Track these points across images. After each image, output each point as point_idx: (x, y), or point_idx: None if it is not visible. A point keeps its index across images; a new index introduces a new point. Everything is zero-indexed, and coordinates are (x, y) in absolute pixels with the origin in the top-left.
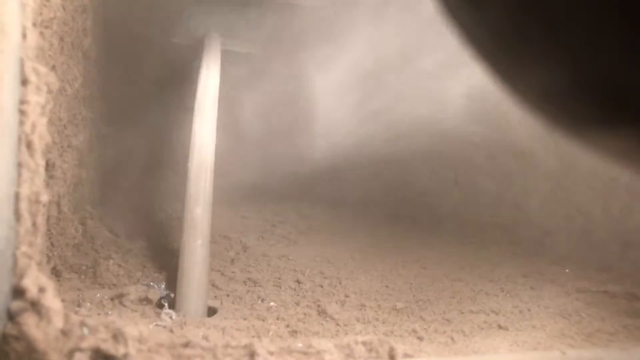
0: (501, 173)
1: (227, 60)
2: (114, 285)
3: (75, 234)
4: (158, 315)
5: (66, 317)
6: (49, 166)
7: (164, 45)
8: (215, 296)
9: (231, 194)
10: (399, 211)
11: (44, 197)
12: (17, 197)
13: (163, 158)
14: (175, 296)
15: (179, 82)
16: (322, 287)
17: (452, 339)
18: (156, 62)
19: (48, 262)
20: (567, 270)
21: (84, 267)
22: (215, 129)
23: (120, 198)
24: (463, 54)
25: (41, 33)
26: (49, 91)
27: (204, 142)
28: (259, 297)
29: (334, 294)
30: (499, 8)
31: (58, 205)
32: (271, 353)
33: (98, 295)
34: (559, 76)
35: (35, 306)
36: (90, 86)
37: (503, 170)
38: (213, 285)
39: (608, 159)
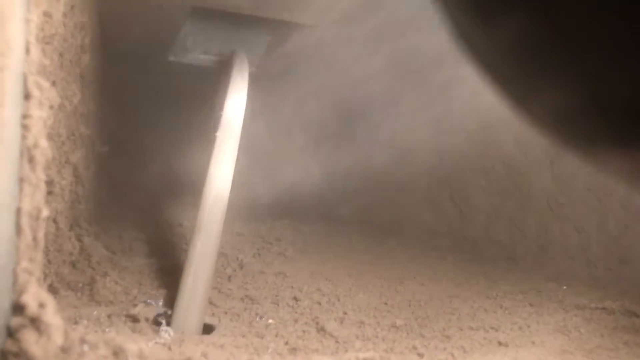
0: (496, 189)
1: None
2: (111, 302)
3: (72, 250)
4: (155, 332)
5: (66, 334)
6: (47, 182)
7: (161, 64)
8: (213, 313)
9: (227, 211)
10: (395, 228)
11: (45, 213)
12: (18, 212)
13: (162, 178)
14: (172, 313)
15: (178, 100)
16: (320, 304)
17: (452, 355)
18: (155, 81)
19: (45, 279)
20: (564, 287)
21: (80, 285)
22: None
23: (120, 215)
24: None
25: (43, 49)
26: (51, 106)
27: (223, 167)
28: (257, 314)
29: (332, 311)
30: (512, 32)
31: (55, 221)
32: None
33: (95, 312)
34: (572, 97)
35: (35, 322)
36: (87, 103)
37: (498, 186)
38: (210, 302)
39: (621, 180)
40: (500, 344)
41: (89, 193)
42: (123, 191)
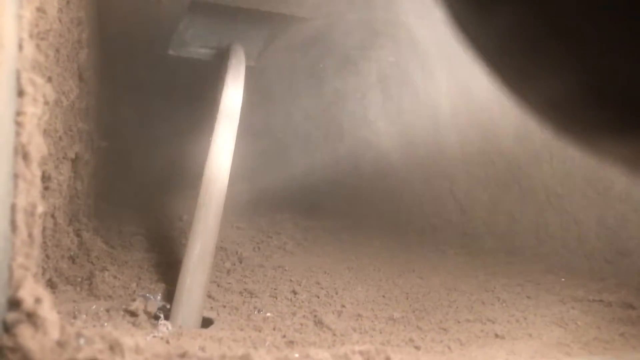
0: (496, 183)
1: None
2: (110, 297)
3: (70, 245)
4: (154, 326)
5: (62, 328)
6: (44, 178)
7: (160, 58)
8: (212, 307)
9: (227, 205)
10: (394, 221)
11: (40, 208)
12: (13, 208)
13: (162, 172)
14: (171, 307)
15: (177, 94)
16: (318, 297)
17: (449, 348)
18: (154, 75)
19: (43, 274)
20: (562, 279)
21: (79, 279)
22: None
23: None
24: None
25: (37, 45)
26: (45, 102)
27: (221, 158)
28: (255, 307)
29: (330, 304)
30: (508, 19)
31: (53, 217)
32: None
33: (94, 307)
34: (569, 84)
35: (31, 317)
36: (86, 98)
37: (498, 179)
38: (209, 296)
39: (619, 167)
40: (497, 336)
41: (88, 188)
42: (123, 186)
